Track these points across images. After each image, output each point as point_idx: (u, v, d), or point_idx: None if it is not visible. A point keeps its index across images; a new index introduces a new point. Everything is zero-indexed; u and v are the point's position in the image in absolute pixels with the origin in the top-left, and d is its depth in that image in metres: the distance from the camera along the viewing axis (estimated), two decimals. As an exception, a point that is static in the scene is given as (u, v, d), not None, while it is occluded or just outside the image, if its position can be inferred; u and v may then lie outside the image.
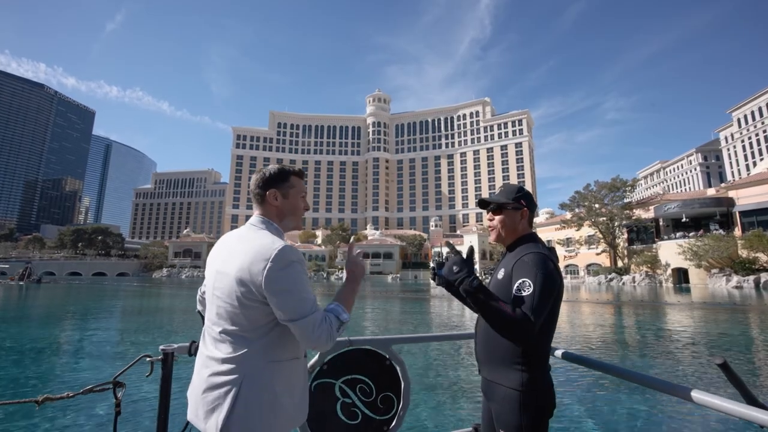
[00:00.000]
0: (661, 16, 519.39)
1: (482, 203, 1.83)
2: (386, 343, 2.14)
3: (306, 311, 1.28)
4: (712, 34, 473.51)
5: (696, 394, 1.29)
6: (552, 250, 1.60)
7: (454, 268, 1.52)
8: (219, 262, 1.39)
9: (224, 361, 1.29)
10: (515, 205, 1.71)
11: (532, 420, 1.47)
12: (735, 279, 36.34)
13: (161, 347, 1.76)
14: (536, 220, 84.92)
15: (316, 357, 1.96)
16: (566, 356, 1.92)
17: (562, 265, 61.91)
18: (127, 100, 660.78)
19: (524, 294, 1.43)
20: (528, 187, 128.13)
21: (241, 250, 1.35)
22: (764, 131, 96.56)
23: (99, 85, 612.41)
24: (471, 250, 1.64)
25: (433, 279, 1.64)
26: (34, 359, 8.60)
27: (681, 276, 44.07)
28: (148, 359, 1.74)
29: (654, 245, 48.42)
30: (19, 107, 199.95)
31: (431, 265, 1.69)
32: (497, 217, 1.74)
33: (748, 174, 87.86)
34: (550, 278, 1.45)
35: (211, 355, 1.32)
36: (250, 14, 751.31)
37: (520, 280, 1.47)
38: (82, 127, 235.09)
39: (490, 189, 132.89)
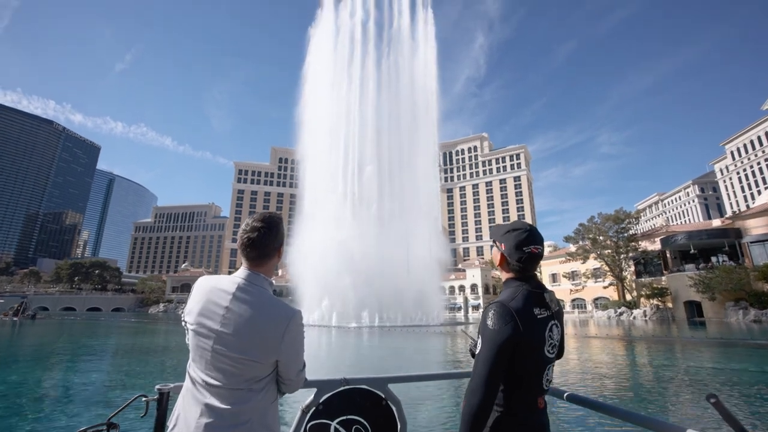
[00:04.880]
0: (649, 54, 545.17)
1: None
2: (382, 383, 2.10)
3: (302, 365, 1.53)
4: (701, 69, 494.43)
5: None
6: (539, 295, 1.57)
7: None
8: (223, 323, 1.38)
9: (232, 411, 1.34)
10: (495, 244, 1.72)
11: None
12: (752, 312, 35.19)
13: (157, 386, 1.76)
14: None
15: (312, 397, 1.94)
16: (570, 398, 1.93)
17: (568, 299, 60.64)
18: (132, 136, 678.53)
19: (477, 352, 1.50)
20: (528, 220, 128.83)
21: (256, 317, 1.39)
22: (758, 164, 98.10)
23: (105, 120, 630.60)
24: None
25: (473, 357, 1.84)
26: (27, 401, 8.19)
27: (694, 309, 42.87)
28: (143, 399, 1.75)
29: (663, 278, 47.55)
30: (27, 142, 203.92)
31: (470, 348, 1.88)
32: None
33: (747, 205, 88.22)
34: (496, 335, 1.45)
35: (212, 404, 1.35)
36: (250, 52, 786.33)
37: (478, 336, 1.54)
38: (86, 162, 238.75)
39: (490, 222, 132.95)
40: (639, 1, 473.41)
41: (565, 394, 1.94)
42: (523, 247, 1.59)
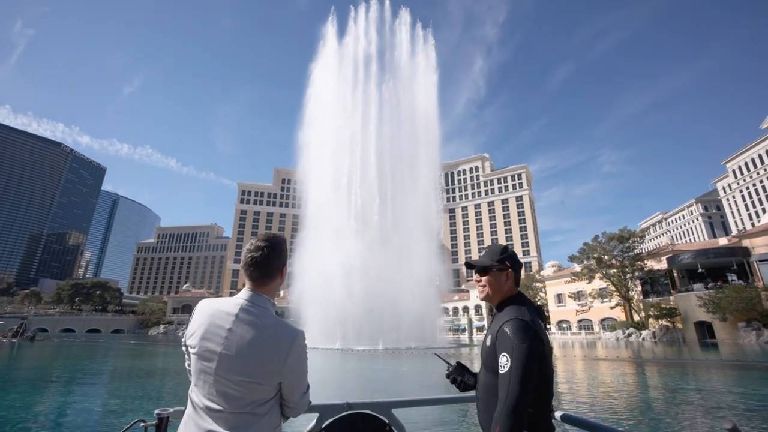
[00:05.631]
0: (648, 74, 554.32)
1: (468, 265, 1.89)
2: (386, 407, 2.05)
3: (306, 387, 1.50)
4: (700, 87, 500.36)
5: None
6: (538, 309, 1.68)
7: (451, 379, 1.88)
8: (226, 345, 1.37)
9: None
10: (500, 266, 1.77)
11: None
12: (766, 333, 34.29)
13: (156, 411, 1.74)
14: (543, 273, 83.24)
15: (314, 422, 1.92)
16: (565, 419, 1.87)
17: (574, 320, 59.58)
18: (137, 157, 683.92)
19: (503, 371, 1.46)
20: (531, 239, 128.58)
21: (259, 338, 1.37)
22: (761, 182, 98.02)
23: (111, 143, 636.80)
24: (458, 364, 1.92)
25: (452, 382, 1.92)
26: (22, 426, 7.99)
27: (705, 330, 41.87)
28: (142, 424, 1.73)
29: (671, 297, 46.72)
30: (35, 164, 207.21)
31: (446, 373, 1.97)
32: (483, 278, 1.80)
33: (752, 223, 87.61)
34: (527, 350, 1.45)
35: (214, 430, 1.32)
36: (255, 73, 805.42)
37: (500, 355, 1.50)
38: (92, 183, 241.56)
39: (492, 242, 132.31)
40: (638, 22, 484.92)
41: (559, 414, 1.88)
42: (519, 260, 1.83)
